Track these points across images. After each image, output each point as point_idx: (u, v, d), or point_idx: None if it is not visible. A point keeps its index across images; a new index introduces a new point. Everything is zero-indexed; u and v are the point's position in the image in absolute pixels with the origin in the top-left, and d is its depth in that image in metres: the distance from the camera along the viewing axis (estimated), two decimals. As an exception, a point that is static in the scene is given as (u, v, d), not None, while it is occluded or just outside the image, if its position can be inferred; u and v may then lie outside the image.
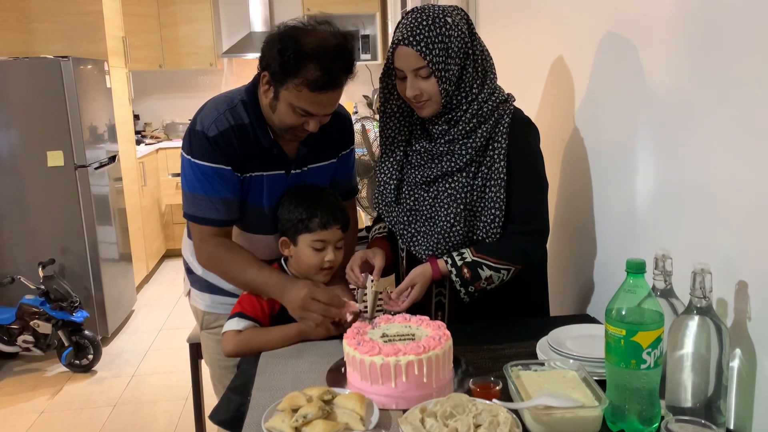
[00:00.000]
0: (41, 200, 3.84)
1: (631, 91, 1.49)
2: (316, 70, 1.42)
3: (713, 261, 1.07)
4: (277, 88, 1.48)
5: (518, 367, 1.23)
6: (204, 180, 1.55)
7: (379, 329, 1.34)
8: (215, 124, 1.54)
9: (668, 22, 1.32)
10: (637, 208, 1.49)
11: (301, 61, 1.42)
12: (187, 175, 1.58)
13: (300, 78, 1.43)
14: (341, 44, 1.48)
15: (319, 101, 1.47)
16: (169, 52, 5.84)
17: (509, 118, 1.52)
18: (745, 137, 1.10)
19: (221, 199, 1.57)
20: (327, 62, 1.43)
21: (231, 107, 1.57)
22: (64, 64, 3.77)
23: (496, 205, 1.51)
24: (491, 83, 1.54)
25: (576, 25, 1.79)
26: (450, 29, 1.46)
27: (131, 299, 4.59)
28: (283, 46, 1.44)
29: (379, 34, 5.84)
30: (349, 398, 1.17)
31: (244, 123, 1.56)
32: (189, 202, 1.60)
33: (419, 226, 1.60)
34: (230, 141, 1.54)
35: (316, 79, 1.43)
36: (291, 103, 1.48)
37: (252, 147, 1.58)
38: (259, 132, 1.57)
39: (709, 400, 1.06)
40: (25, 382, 3.55)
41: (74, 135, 3.83)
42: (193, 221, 1.61)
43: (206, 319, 1.80)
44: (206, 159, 1.54)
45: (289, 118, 1.51)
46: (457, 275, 1.50)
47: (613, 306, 1.08)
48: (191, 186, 1.57)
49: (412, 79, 1.48)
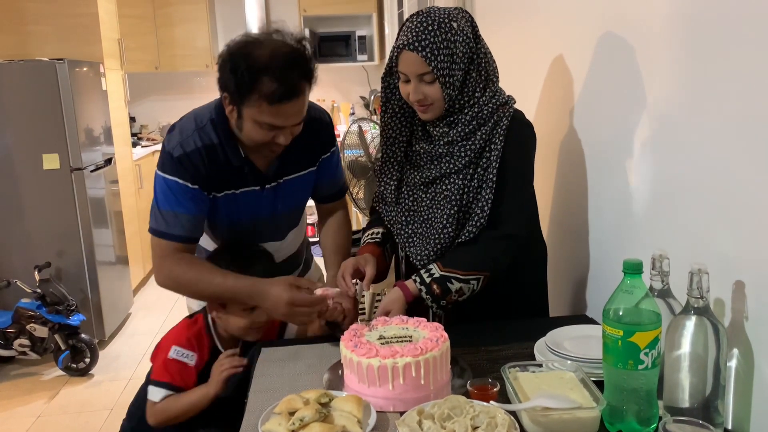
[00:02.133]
0: (37, 203, 3.83)
1: (628, 92, 1.49)
2: (272, 83, 1.39)
3: (710, 261, 1.07)
4: (239, 106, 1.46)
5: (516, 368, 1.22)
6: (171, 195, 1.53)
7: (376, 331, 1.34)
8: (181, 145, 1.53)
9: (665, 23, 1.32)
10: (634, 208, 1.49)
11: (254, 77, 1.39)
12: (156, 190, 1.56)
13: (257, 93, 1.40)
14: (294, 51, 1.44)
15: (282, 113, 1.44)
16: (165, 54, 5.83)
17: (508, 121, 1.51)
18: (741, 138, 1.10)
19: (187, 216, 1.55)
20: (282, 72, 1.39)
21: (199, 128, 1.55)
22: (59, 67, 3.76)
23: (480, 205, 1.51)
24: (493, 86, 1.54)
25: (572, 27, 1.79)
26: (455, 34, 1.45)
27: (128, 302, 4.57)
28: (234, 65, 1.41)
29: (375, 35, 5.85)
30: (347, 401, 1.17)
31: (213, 143, 1.54)
32: (155, 218, 1.57)
33: (416, 227, 1.60)
34: (196, 162, 1.52)
35: (273, 92, 1.39)
36: (255, 119, 1.45)
37: (222, 166, 1.55)
38: (228, 150, 1.55)
39: (707, 400, 1.05)
40: (22, 386, 3.53)
41: (70, 138, 3.81)
42: (157, 236, 1.57)
43: None
44: (173, 174, 1.53)
45: (258, 135, 1.48)
46: (428, 293, 1.49)
47: (611, 306, 1.08)
48: (160, 201, 1.55)
49: (416, 84, 1.48)
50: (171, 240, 1.56)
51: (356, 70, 6.13)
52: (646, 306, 1.06)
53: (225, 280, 1.52)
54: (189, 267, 1.55)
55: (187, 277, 1.55)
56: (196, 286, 1.56)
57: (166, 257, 1.56)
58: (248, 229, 1.65)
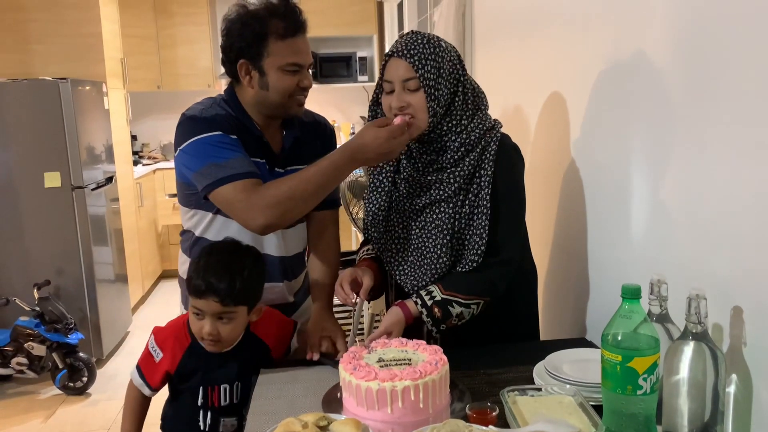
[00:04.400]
0: (38, 221, 3.83)
1: (626, 117, 1.51)
2: (280, 22, 1.54)
3: (708, 286, 1.07)
4: (259, 63, 1.56)
5: (515, 392, 1.22)
6: (223, 146, 1.52)
7: (375, 354, 1.33)
8: (201, 111, 1.60)
9: (662, 48, 1.34)
10: (632, 233, 1.50)
11: (264, 22, 1.53)
12: (202, 151, 1.52)
13: (272, 36, 1.53)
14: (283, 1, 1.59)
15: (298, 48, 1.57)
16: (168, 73, 5.88)
17: (496, 145, 1.52)
18: (739, 164, 1.11)
19: (240, 157, 1.52)
20: (285, 12, 1.55)
21: (215, 103, 1.64)
22: (62, 86, 3.79)
23: (478, 232, 1.51)
24: (482, 114, 1.55)
25: (571, 51, 1.81)
26: (444, 51, 1.48)
27: (127, 321, 4.56)
28: (245, 22, 1.55)
29: (376, 56, 5.90)
30: (345, 424, 1.16)
31: (231, 114, 1.62)
32: (216, 171, 1.49)
33: (406, 255, 1.59)
34: (224, 122, 1.58)
35: (285, 28, 1.54)
36: (278, 66, 1.55)
37: (242, 132, 1.60)
38: (246, 122, 1.62)
39: (706, 425, 1.05)
40: (19, 404, 3.51)
41: (71, 156, 3.83)
42: (231, 180, 1.48)
43: None
44: (213, 129, 1.54)
45: (284, 82, 1.57)
46: (428, 315, 1.49)
47: (609, 331, 1.08)
48: (211, 156, 1.50)
49: (399, 91, 1.48)
50: (249, 177, 1.50)
51: (357, 90, 6.17)
52: (645, 331, 1.06)
53: (318, 164, 1.49)
54: (280, 182, 1.51)
55: (286, 188, 1.48)
56: (302, 190, 1.48)
57: (252, 193, 1.48)
58: None
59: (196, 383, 1.53)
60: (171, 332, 1.58)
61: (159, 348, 1.55)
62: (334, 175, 1.50)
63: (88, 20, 4.47)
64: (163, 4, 5.77)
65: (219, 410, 1.54)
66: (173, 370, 1.54)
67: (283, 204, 1.48)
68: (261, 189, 1.49)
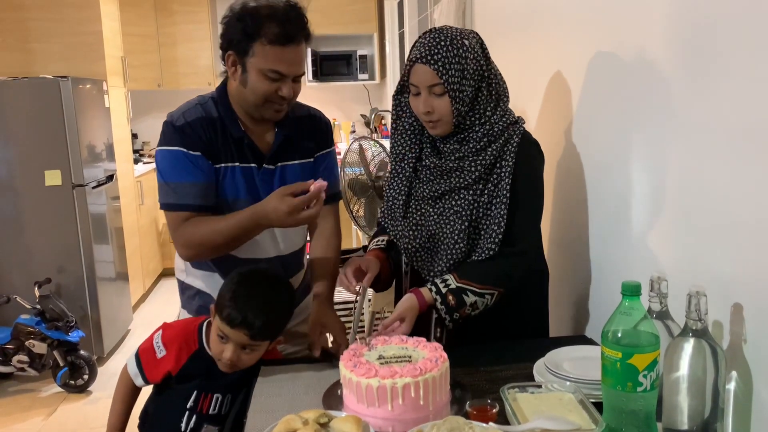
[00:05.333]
0: (38, 219, 3.84)
1: (626, 112, 1.51)
2: (276, 27, 1.51)
3: (709, 283, 1.07)
4: (243, 59, 1.55)
5: (515, 389, 1.22)
6: (177, 165, 1.58)
7: (375, 351, 1.34)
8: (183, 116, 1.61)
9: (663, 48, 1.34)
10: (633, 229, 1.50)
11: (259, 22, 1.51)
12: (160, 166, 1.61)
13: (262, 37, 1.51)
14: (292, 6, 1.57)
15: (284, 58, 1.53)
16: (168, 71, 5.88)
17: (518, 139, 1.54)
18: (740, 159, 1.11)
19: (196, 183, 1.58)
20: (284, 18, 1.52)
21: (201, 103, 1.64)
22: (63, 84, 3.79)
23: (496, 221, 1.52)
24: (504, 105, 1.57)
25: (570, 45, 1.81)
26: (466, 51, 1.48)
27: (127, 319, 4.57)
28: (240, 16, 1.54)
29: (376, 55, 5.89)
30: (346, 421, 1.16)
31: (213, 116, 1.62)
32: (164, 193, 1.61)
33: (423, 241, 1.60)
34: (197, 130, 1.59)
35: (277, 34, 1.51)
36: (259, 68, 1.53)
37: (222, 138, 1.61)
38: (228, 123, 1.62)
39: (706, 422, 1.05)
40: (20, 402, 3.52)
41: (72, 154, 3.84)
42: (168, 210, 1.60)
43: None
44: (175, 144, 1.59)
45: (262, 86, 1.55)
46: (442, 303, 1.50)
47: (609, 328, 1.09)
48: (166, 174, 1.60)
49: (426, 96, 1.50)
50: (183, 210, 1.59)
51: (357, 88, 6.17)
52: (645, 328, 1.06)
53: (229, 220, 1.55)
54: (198, 226, 1.58)
55: (200, 234, 1.57)
56: (212, 240, 1.57)
57: (179, 227, 1.59)
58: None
59: (192, 387, 1.53)
60: (180, 333, 1.57)
61: (163, 346, 1.55)
62: (240, 234, 1.57)
63: (88, 19, 4.47)
64: (164, 3, 5.77)
65: (205, 417, 1.53)
66: (175, 372, 1.53)
67: (196, 248, 1.61)
68: (184, 227, 1.58)
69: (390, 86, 5.52)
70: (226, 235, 1.56)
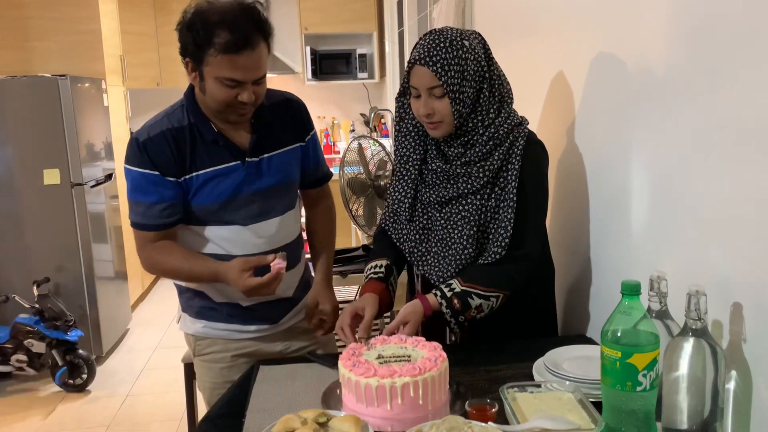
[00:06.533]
0: (37, 218, 3.83)
1: (627, 112, 1.50)
2: (227, 34, 1.46)
3: (708, 283, 1.07)
4: (199, 67, 1.51)
5: (514, 388, 1.22)
6: (137, 186, 1.60)
7: (374, 350, 1.33)
8: (148, 130, 1.59)
9: (663, 47, 1.34)
10: (632, 229, 1.50)
11: (210, 30, 1.46)
12: (127, 183, 1.64)
13: (213, 46, 1.46)
14: (247, 7, 1.52)
15: (239, 65, 1.48)
16: (167, 70, 5.87)
17: (523, 141, 1.53)
18: (741, 160, 1.11)
19: (157, 204, 1.59)
20: (236, 23, 1.47)
21: (169, 113, 1.62)
22: (61, 83, 3.79)
23: (503, 225, 1.52)
24: (508, 107, 1.56)
25: (571, 44, 1.81)
26: (467, 52, 1.47)
27: (126, 318, 4.56)
28: (190, 24, 1.50)
29: (376, 54, 5.89)
30: (344, 421, 1.16)
31: (182, 126, 1.60)
32: (130, 210, 1.65)
33: (430, 246, 1.60)
34: (161, 145, 1.57)
35: (227, 42, 1.46)
36: (215, 76, 1.50)
37: (195, 144, 1.59)
38: (200, 128, 1.60)
39: (706, 422, 1.05)
40: (19, 402, 3.52)
41: (71, 153, 3.83)
42: (133, 227, 1.65)
43: (198, 346, 1.76)
44: (135, 164, 1.59)
45: (220, 93, 1.52)
46: (448, 307, 1.49)
47: (609, 327, 1.08)
48: (129, 193, 1.63)
49: (425, 98, 1.49)
50: (145, 230, 1.62)
51: (357, 87, 6.16)
52: (644, 327, 1.06)
53: (192, 265, 1.61)
54: (162, 255, 1.62)
55: (161, 266, 1.65)
56: (172, 274, 1.68)
57: (144, 247, 1.64)
58: (239, 206, 1.64)
59: None
60: None
61: None
62: (196, 280, 1.67)
63: (87, 17, 4.47)
64: (163, 2, 5.75)
65: None
66: None
67: (158, 273, 1.74)
68: (149, 249, 1.63)
69: (389, 85, 5.52)
70: (184, 276, 1.67)
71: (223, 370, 1.73)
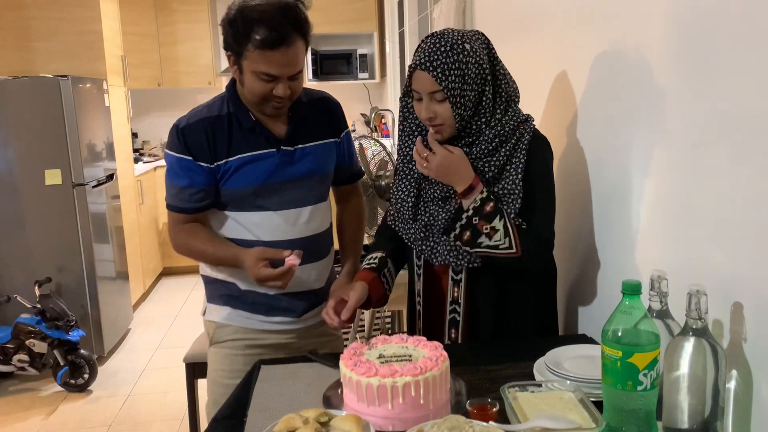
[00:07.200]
0: (39, 218, 3.84)
1: (628, 111, 1.51)
2: (265, 31, 1.53)
3: (709, 282, 1.07)
4: (239, 61, 1.60)
5: (515, 388, 1.22)
6: (172, 170, 1.70)
7: (375, 350, 1.34)
8: (188, 118, 1.69)
9: (662, 46, 1.34)
10: (632, 228, 1.50)
11: (249, 26, 1.54)
12: (167, 167, 1.74)
13: (252, 42, 1.54)
14: (285, 5, 1.58)
15: (275, 60, 1.56)
16: (168, 70, 5.88)
17: (529, 136, 1.54)
18: (741, 159, 1.11)
19: (189, 189, 1.68)
20: (273, 21, 1.54)
21: (210, 105, 1.72)
22: (63, 83, 3.79)
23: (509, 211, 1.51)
24: (514, 107, 1.56)
25: (571, 47, 1.81)
26: (468, 56, 1.47)
27: (128, 318, 4.57)
28: (232, 20, 1.58)
29: (376, 54, 5.89)
30: (346, 420, 1.16)
31: (221, 114, 1.68)
32: (167, 191, 1.74)
33: (436, 238, 1.60)
34: (198, 131, 1.66)
35: (265, 38, 1.53)
36: (252, 70, 1.58)
37: (232, 132, 1.68)
38: (239, 116, 1.68)
39: (706, 421, 1.05)
40: (20, 401, 3.52)
41: (72, 153, 3.84)
42: (168, 209, 1.75)
43: (218, 333, 1.80)
44: (172, 149, 1.70)
45: (257, 87, 1.60)
46: (482, 200, 1.49)
47: (609, 327, 1.09)
48: (167, 176, 1.73)
49: (427, 102, 1.50)
50: (177, 212, 1.72)
51: (357, 87, 6.17)
52: (645, 327, 1.06)
53: (216, 249, 1.71)
54: (190, 237, 1.72)
55: (188, 247, 1.74)
56: (198, 256, 1.76)
57: (174, 227, 1.74)
58: (272, 191, 1.70)
59: None
60: None
61: None
62: (221, 265, 1.76)
63: (88, 18, 4.47)
64: (164, 2, 5.77)
65: None
66: None
67: (185, 254, 1.78)
68: (179, 230, 1.73)
69: (390, 85, 5.52)
70: (208, 258, 1.76)
71: (236, 358, 1.77)
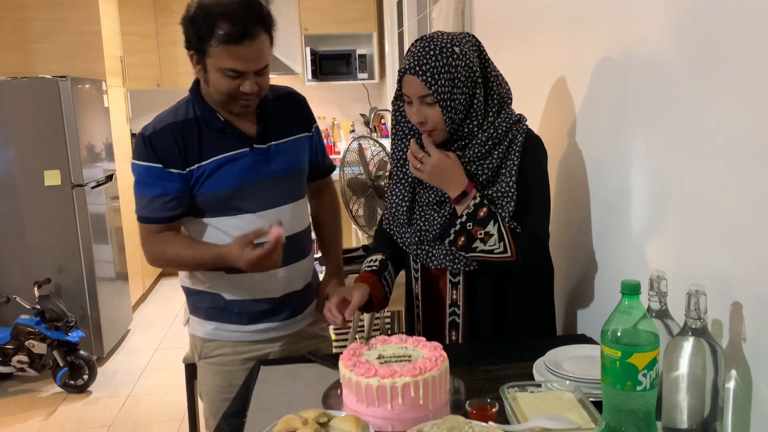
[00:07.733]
0: (38, 219, 3.84)
1: (627, 112, 1.51)
2: (228, 25, 1.49)
3: (708, 282, 1.07)
4: (202, 59, 1.56)
5: (515, 388, 1.22)
6: (142, 180, 1.64)
7: (375, 350, 1.34)
8: (154, 125, 1.64)
9: (662, 46, 1.34)
10: (632, 228, 1.50)
11: (211, 22, 1.51)
12: (134, 178, 1.67)
13: (215, 37, 1.50)
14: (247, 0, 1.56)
15: (240, 55, 1.52)
16: (167, 71, 5.87)
17: (522, 137, 1.53)
18: (740, 159, 1.11)
19: (160, 198, 1.62)
20: (236, 15, 1.50)
21: (175, 109, 1.67)
22: (62, 84, 3.79)
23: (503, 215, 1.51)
24: (507, 108, 1.56)
25: (570, 47, 1.81)
26: (457, 59, 1.46)
27: (127, 318, 4.57)
28: (193, 17, 1.54)
29: (376, 54, 5.89)
30: (345, 420, 1.16)
31: (187, 118, 1.64)
32: (136, 203, 1.68)
33: (433, 244, 1.59)
34: (166, 138, 1.61)
35: (228, 32, 1.49)
36: (218, 67, 1.54)
37: (202, 135, 1.63)
38: (207, 118, 1.64)
39: (706, 421, 1.05)
40: (20, 402, 3.52)
41: (71, 154, 3.84)
42: (139, 221, 1.68)
43: (206, 348, 1.76)
44: (140, 159, 1.63)
45: (223, 84, 1.56)
46: (475, 206, 1.49)
47: (609, 327, 1.09)
48: (135, 187, 1.67)
49: (417, 106, 1.49)
50: (149, 223, 1.66)
51: (356, 88, 6.17)
52: (644, 327, 1.06)
53: (195, 252, 1.64)
54: (166, 245, 1.66)
55: (166, 256, 1.69)
56: (177, 263, 1.71)
57: (148, 239, 1.68)
58: (249, 193, 1.66)
59: None
60: None
61: None
62: (203, 268, 1.69)
63: (87, 18, 4.47)
64: (163, 2, 5.76)
65: None
66: None
67: (162, 264, 1.76)
68: (153, 240, 1.66)
69: (389, 86, 5.52)
70: (189, 263, 1.69)
71: (229, 374, 1.73)
